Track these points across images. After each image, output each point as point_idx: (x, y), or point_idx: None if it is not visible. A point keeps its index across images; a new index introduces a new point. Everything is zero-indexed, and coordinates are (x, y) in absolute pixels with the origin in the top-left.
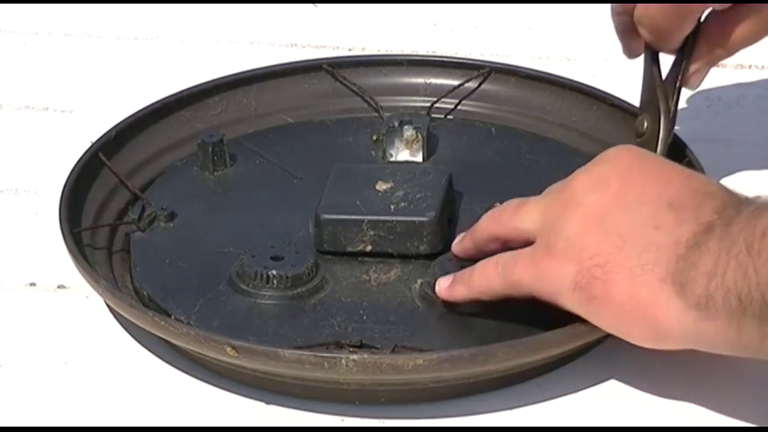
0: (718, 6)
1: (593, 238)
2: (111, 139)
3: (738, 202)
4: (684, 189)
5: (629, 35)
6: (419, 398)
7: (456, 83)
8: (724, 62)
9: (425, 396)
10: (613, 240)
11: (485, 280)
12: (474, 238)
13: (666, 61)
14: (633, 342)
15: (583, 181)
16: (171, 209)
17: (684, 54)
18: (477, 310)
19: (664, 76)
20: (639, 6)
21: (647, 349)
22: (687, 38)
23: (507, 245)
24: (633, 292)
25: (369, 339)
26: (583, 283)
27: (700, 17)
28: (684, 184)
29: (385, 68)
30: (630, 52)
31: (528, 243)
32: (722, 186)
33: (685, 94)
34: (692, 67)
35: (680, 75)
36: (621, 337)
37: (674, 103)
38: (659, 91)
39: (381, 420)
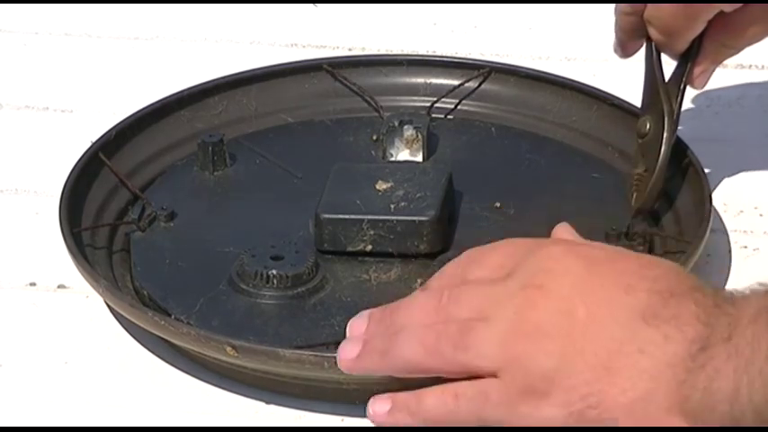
0: (727, 8)
1: (576, 375)
2: (111, 139)
3: (715, 302)
4: (651, 295)
5: (633, 36)
6: None
7: (456, 83)
8: (724, 62)
9: None
10: (600, 374)
11: (442, 413)
12: (391, 366)
13: (668, 61)
14: None
15: (545, 307)
16: (171, 209)
17: (689, 55)
18: None
19: (666, 78)
20: (650, 7)
21: None
22: (694, 39)
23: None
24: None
25: None
26: (574, 420)
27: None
28: (647, 286)
29: (385, 68)
30: (625, 52)
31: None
32: (684, 277)
33: (686, 93)
34: (698, 68)
35: (684, 75)
36: None
37: (677, 104)
38: (662, 92)
39: None
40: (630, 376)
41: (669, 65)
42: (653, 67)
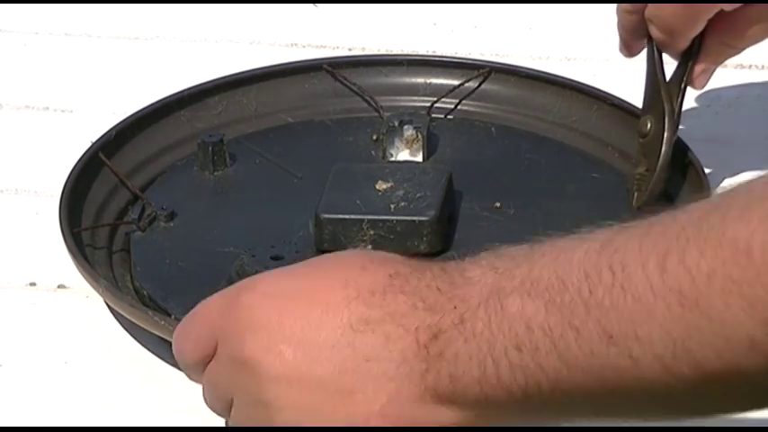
0: (728, 7)
1: (320, 416)
2: (111, 138)
3: (435, 284)
4: (352, 303)
5: (635, 35)
6: None
7: (456, 83)
8: (724, 62)
9: None
10: (339, 401)
11: None
12: None
13: (669, 61)
14: None
15: (258, 378)
16: (171, 209)
17: (690, 55)
18: None
19: (668, 77)
20: (651, 5)
21: None
22: (694, 38)
23: None
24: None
25: None
26: None
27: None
28: (343, 296)
29: (385, 68)
30: (630, 51)
31: None
32: (386, 265)
33: (686, 93)
34: (699, 67)
35: (685, 75)
36: None
37: (678, 104)
38: (663, 92)
39: None
40: (368, 387)
41: (671, 65)
42: (654, 67)
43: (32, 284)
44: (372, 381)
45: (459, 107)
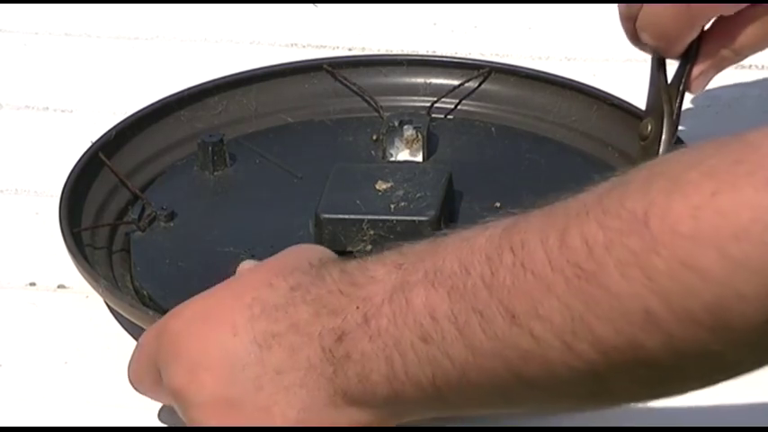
0: (726, 11)
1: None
2: (111, 139)
3: (337, 288)
4: (255, 321)
5: (636, 39)
6: None
7: (456, 83)
8: None
9: None
10: (260, 417)
11: None
12: None
13: (672, 64)
14: None
15: (192, 402)
16: (171, 209)
17: (689, 57)
18: None
19: (669, 80)
20: (642, 13)
21: None
22: (692, 42)
23: None
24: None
25: None
26: None
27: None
28: (247, 315)
29: (385, 68)
30: (643, 50)
31: None
32: (286, 273)
33: (686, 94)
34: (696, 70)
35: (684, 77)
36: None
37: (677, 105)
38: (663, 94)
39: None
40: (281, 399)
41: (673, 65)
42: (656, 70)
43: (32, 284)
44: (284, 392)
45: (459, 107)
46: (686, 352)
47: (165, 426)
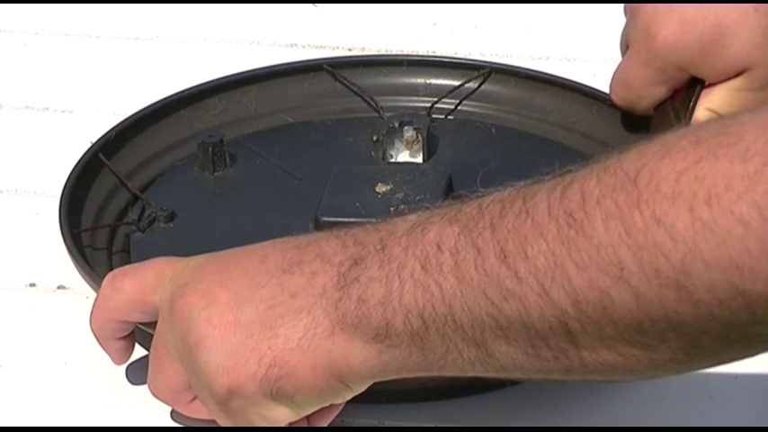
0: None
1: (245, 350)
2: (111, 139)
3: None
4: (287, 251)
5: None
6: (419, 398)
7: (456, 83)
8: None
9: (425, 396)
10: (262, 337)
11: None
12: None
13: None
14: (339, 402)
15: (189, 304)
16: (171, 209)
17: (697, 90)
18: None
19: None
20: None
21: None
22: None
23: None
24: (314, 363)
25: None
26: (273, 391)
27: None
28: (281, 248)
29: (385, 68)
30: None
31: None
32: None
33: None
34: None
35: (693, 97)
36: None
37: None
38: (671, 111)
39: (381, 420)
40: (287, 321)
41: None
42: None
43: (32, 285)
44: (292, 315)
45: (459, 108)
46: (651, 314)
47: (165, 426)
